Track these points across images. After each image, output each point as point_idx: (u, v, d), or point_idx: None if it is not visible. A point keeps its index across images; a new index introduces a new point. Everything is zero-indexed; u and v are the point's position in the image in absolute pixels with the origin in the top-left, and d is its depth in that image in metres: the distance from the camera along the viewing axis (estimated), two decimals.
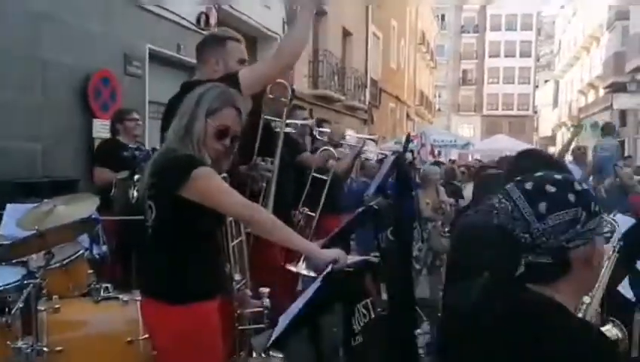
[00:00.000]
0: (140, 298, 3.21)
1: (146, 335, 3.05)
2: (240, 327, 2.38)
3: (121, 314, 3.14)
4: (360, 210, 2.79)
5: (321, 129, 4.54)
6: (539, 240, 1.25)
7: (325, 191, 3.92)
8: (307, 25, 3.02)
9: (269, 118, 3.57)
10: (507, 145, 20.19)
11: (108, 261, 4.19)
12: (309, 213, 3.80)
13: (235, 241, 2.52)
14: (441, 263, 6.67)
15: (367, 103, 18.75)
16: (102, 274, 3.76)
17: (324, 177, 3.93)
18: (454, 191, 8.14)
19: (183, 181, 2.13)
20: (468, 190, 8.84)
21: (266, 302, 2.44)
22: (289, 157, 3.66)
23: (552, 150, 25.94)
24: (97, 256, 3.83)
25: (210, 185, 2.16)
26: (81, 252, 3.37)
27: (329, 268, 1.73)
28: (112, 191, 4.26)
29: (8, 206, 4.11)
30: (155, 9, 8.04)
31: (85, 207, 3.58)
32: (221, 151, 2.27)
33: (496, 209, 1.31)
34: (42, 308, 2.97)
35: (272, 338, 1.71)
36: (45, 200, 3.80)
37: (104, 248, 4.18)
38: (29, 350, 2.59)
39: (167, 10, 8.33)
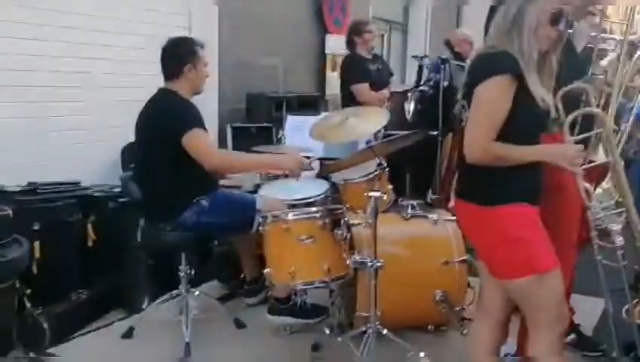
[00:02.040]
0: (447, 217, 3.10)
1: (463, 258, 2.94)
2: None
3: (433, 234, 3.03)
4: None
5: None
6: None
7: None
8: None
9: None
10: None
11: None
12: None
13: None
14: None
15: None
16: None
17: None
18: None
19: (483, 79, 1.94)
20: None
21: None
22: None
23: None
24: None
25: (484, 96, 1.94)
26: (383, 166, 3.27)
27: None
28: (386, 104, 4.12)
29: (289, 117, 4.19)
30: None
31: (377, 120, 3.46)
32: (553, 40, 1.99)
33: None
34: (356, 223, 2.95)
35: None
36: (328, 113, 3.79)
37: None
38: (369, 264, 2.55)
39: None
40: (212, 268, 3.90)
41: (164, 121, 2.93)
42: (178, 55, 3.09)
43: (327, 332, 3.04)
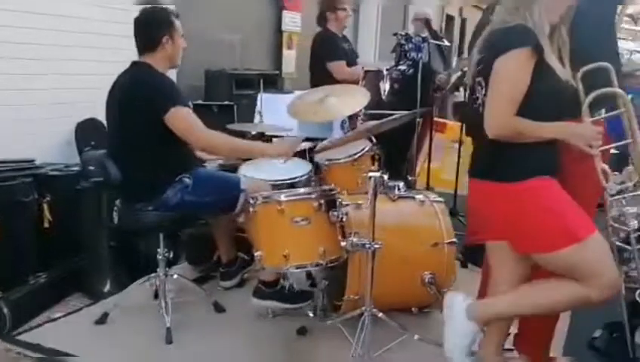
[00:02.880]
0: (433, 198, 3.08)
1: (451, 239, 2.92)
2: None
3: (422, 215, 2.99)
4: None
5: None
6: None
7: None
8: None
9: None
10: None
11: None
12: None
13: None
14: None
15: None
16: None
17: None
18: None
19: (502, 53, 1.92)
20: None
21: None
22: None
23: None
24: None
25: (504, 70, 1.92)
26: (368, 146, 3.20)
27: None
28: (361, 83, 4.04)
29: (262, 95, 4.05)
30: None
31: (358, 100, 3.39)
32: (564, 11, 1.99)
33: None
34: (345, 203, 2.87)
35: None
36: (306, 91, 3.70)
37: None
38: (367, 246, 2.48)
39: None
40: (181, 250, 3.74)
41: (143, 97, 2.73)
42: (153, 25, 2.89)
43: (311, 315, 2.98)
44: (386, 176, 2.48)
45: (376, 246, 2.47)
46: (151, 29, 2.88)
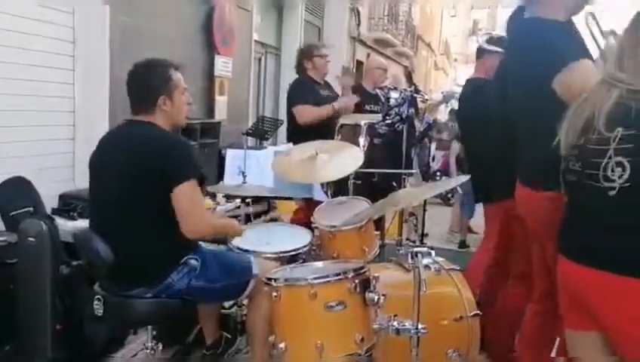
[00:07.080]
0: (448, 266, 2.87)
1: (475, 311, 2.72)
2: None
3: (440, 286, 2.77)
4: None
5: None
6: None
7: None
8: None
9: None
10: None
11: None
12: None
13: None
14: None
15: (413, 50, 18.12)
16: None
17: None
18: None
19: None
20: None
21: None
22: None
23: None
24: None
25: None
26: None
27: None
28: (336, 137, 3.79)
29: (229, 151, 3.68)
30: None
31: (353, 158, 3.16)
32: None
33: None
34: None
35: None
36: (292, 146, 3.44)
37: None
38: (413, 331, 2.21)
39: None
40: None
41: (155, 163, 2.28)
42: (147, 84, 2.44)
43: None
44: (433, 252, 2.23)
45: (423, 331, 2.21)
46: (145, 89, 2.44)
